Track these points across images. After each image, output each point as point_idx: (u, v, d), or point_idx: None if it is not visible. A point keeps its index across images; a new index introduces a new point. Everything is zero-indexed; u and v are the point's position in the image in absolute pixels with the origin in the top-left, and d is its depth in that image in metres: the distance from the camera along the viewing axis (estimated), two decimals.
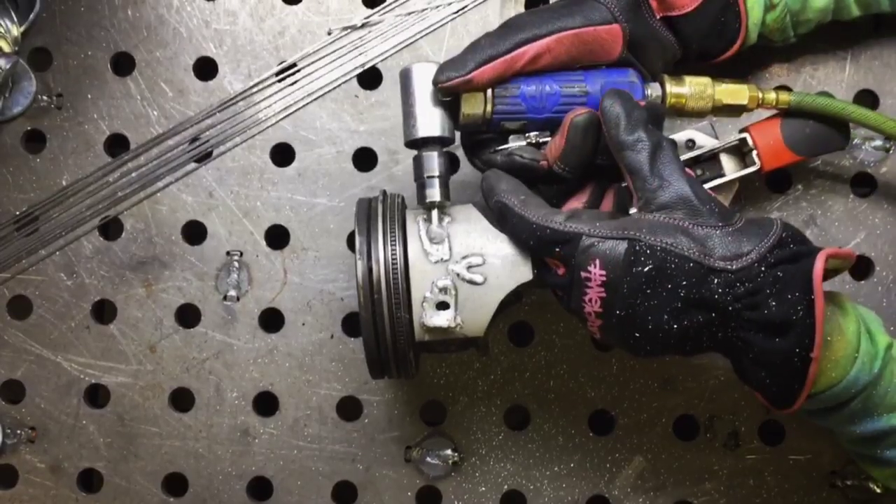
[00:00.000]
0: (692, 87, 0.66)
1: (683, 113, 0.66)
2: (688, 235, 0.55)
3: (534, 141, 0.63)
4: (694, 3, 0.64)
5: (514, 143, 0.63)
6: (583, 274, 0.56)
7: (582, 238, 0.56)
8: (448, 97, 0.60)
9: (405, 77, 0.61)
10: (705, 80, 0.66)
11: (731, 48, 0.68)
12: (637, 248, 0.55)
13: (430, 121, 0.61)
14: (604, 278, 0.55)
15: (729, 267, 0.53)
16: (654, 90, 0.64)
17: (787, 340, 0.53)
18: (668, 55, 0.66)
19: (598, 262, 0.55)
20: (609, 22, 0.61)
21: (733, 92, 0.67)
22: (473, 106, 0.60)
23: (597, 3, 0.61)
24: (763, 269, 0.53)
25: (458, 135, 0.64)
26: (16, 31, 0.76)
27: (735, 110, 0.68)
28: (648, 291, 0.55)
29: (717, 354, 0.58)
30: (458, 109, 0.61)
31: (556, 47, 0.60)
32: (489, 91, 0.60)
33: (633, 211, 0.59)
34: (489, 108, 0.61)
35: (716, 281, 0.54)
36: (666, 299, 0.54)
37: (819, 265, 0.52)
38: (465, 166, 0.76)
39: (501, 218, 0.61)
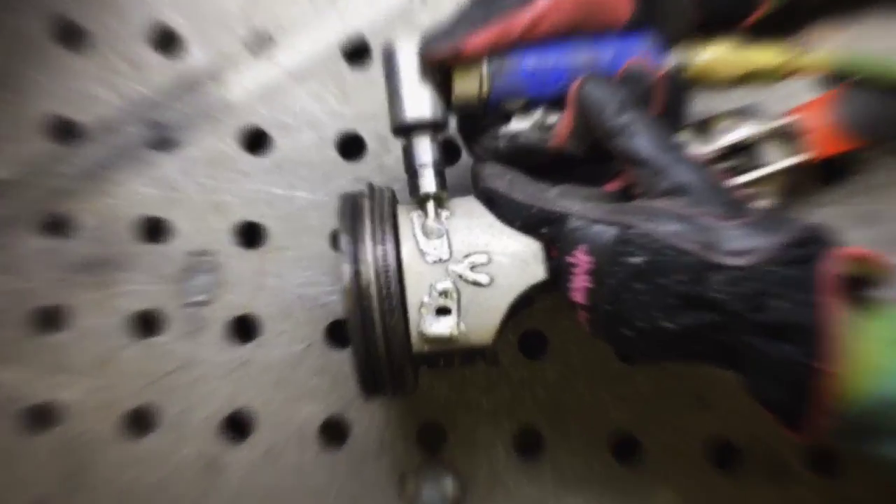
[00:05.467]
0: (715, 53, 0.61)
1: (707, 82, 0.62)
2: (691, 224, 0.52)
3: (540, 124, 0.59)
4: None
5: (517, 126, 0.60)
6: (568, 259, 0.54)
7: (569, 219, 0.55)
8: (434, 67, 0.57)
9: (388, 55, 0.58)
10: (730, 44, 0.62)
11: (758, 8, 0.63)
12: (628, 235, 0.52)
13: (419, 103, 0.58)
14: (589, 266, 0.53)
15: (734, 263, 0.50)
16: (672, 58, 0.60)
17: (792, 346, 0.49)
18: (686, 18, 0.61)
19: (584, 247, 0.53)
20: None
21: (761, 54, 0.62)
22: (468, 84, 0.57)
23: None
24: (772, 267, 0.50)
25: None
26: None
27: (765, 76, 0.62)
28: (639, 286, 0.52)
29: None
30: (451, 89, 0.57)
31: (552, 13, 0.56)
32: (484, 67, 0.57)
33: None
34: (486, 86, 0.57)
35: (718, 278, 0.50)
36: (659, 295, 0.51)
37: (830, 264, 0.49)
38: (466, 160, 0.73)
39: (490, 205, 0.60)
